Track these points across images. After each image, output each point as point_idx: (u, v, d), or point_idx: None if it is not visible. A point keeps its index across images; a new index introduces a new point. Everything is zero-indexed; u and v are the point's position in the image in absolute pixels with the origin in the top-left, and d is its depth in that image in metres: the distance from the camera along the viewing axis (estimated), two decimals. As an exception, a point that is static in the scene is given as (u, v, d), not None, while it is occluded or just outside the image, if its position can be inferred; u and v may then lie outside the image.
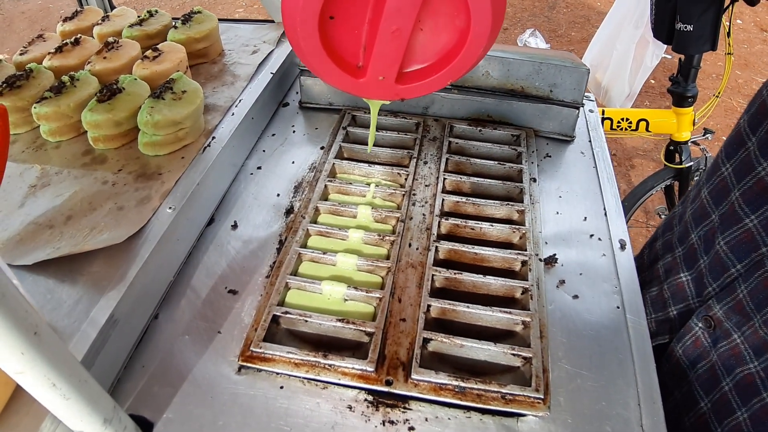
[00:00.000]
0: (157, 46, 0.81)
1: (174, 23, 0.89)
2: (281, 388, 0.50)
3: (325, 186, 0.70)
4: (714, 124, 2.42)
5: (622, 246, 0.64)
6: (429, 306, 0.56)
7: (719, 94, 1.52)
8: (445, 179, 0.71)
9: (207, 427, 0.48)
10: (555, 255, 0.63)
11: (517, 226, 0.65)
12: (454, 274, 0.59)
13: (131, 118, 0.70)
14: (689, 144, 1.58)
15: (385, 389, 0.50)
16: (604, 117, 1.61)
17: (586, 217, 0.68)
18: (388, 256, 0.62)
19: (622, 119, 1.61)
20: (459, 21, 0.42)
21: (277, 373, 0.51)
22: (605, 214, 0.69)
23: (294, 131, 0.82)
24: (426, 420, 0.48)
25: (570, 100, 0.79)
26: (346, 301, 0.58)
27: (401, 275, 0.59)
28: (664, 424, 0.48)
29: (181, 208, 0.61)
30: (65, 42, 0.83)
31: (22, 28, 3.31)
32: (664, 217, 1.76)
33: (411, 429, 0.48)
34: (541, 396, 0.49)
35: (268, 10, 1.00)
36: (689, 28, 1.12)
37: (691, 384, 0.58)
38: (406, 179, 0.71)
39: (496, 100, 0.80)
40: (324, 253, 0.61)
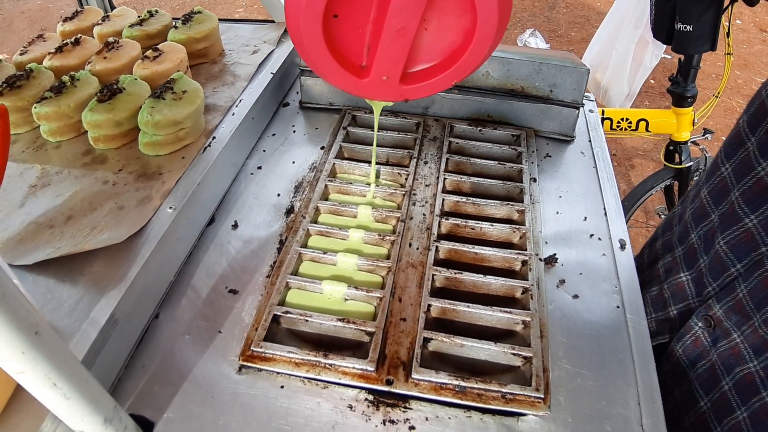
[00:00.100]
0: (158, 46, 0.81)
1: (174, 23, 0.89)
2: (282, 387, 0.50)
3: (325, 186, 0.70)
4: (714, 125, 2.42)
5: (622, 246, 0.64)
6: (429, 305, 0.56)
7: (719, 94, 1.52)
8: (445, 179, 0.71)
9: (207, 426, 0.48)
10: (555, 255, 0.63)
11: (517, 226, 0.65)
12: (455, 273, 0.59)
13: (132, 118, 0.70)
14: (689, 144, 1.58)
15: (385, 389, 0.50)
16: (604, 117, 1.61)
17: (586, 217, 0.68)
18: (388, 256, 0.62)
19: (622, 119, 1.61)
20: (465, 20, 0.42)
21: (278, 372, 0.51)
22: (605, 214, 0.69)
23: (294, 131, 0.82)
24: (426, 419, 0.48)
25: (570, 100, 0.79)
26: (347, 300, 0.58)
27: (401, 275, 0.59)
28: (664, 424, 0.48)
29: (181, 208, 0.61)
30: (65, 42, 0.83)
31: (21, 28, 3.31)
32: (663, 217, 1.76)
33: (411, 428, 0.48)
34: (542, 395, 0.49)
35: (268, 9, 1.00)
36: (689, 28, 1.12)
37: (690, 383, 0.58)
38: (406, 179, 0.72)
39: (497, 100, 0.80)
40: (324, 252, 0.61)
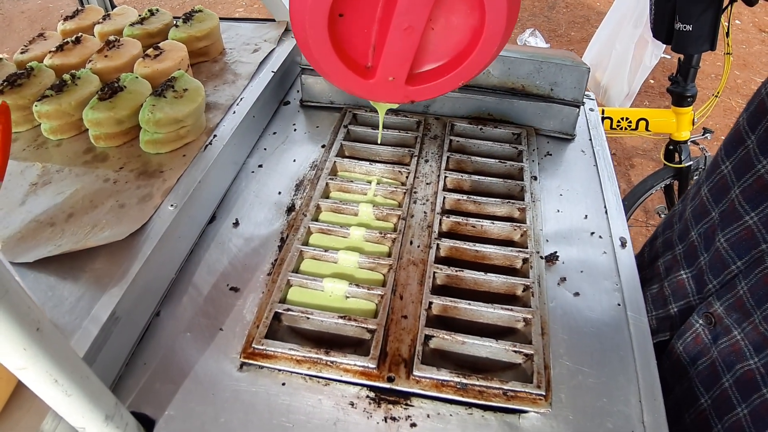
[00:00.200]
0: (159, 45, 0.81)
1: (175, 22, 0.89)
2: (283, 384, 0.50)
3: (326, 184, 0.70)
4: (713, 124, 2.42)
5: (623, 243, 0.64)
6: (430, 303, 0.56)
7: (718, 93, 1.53)
8: (446, 177, 0.71)
9: (209, 424, 0.48)
10: (556, 252, 0.63)
11: (518, 224, 0.65)
12: (456, 271, 0.59)
13: (133, 116, 0.70)
14: (689, 143, 1.59)
15: (386, 386, 0.50)
16: (604, 116, 1.61)
17: (586, 215, 0.68)
18: (389, 254, 0.62)
19: (622, 118, 1.61)
20: (472, 19, 0.41)
21: (279, 369, 0.51)
22: (606, 212, 0.69)
23: (295, 129, 0.82)
24: (428, 416, 0.48)
25: (570, 99, 0.79)
26: (348, 298, 0.58)
27: (403, 272, 0.59)
28: (665, 421, 0.48)
29: (182, 206, 0.61)
30: (66, 41, 0.83)
31: (21, 27, 3.31)
32: (663, 216, 1.76)
33: (413, 425, 0.48)
34: (543, 392, 0.49)
35: (269, 8, 1.00)
36: (688, 27, 1.13)
37: (691, 380, 0.58)
38: (407, 177, 0.72)
39: (497, 99, 0.81)
40: (325, 250, 0.61)
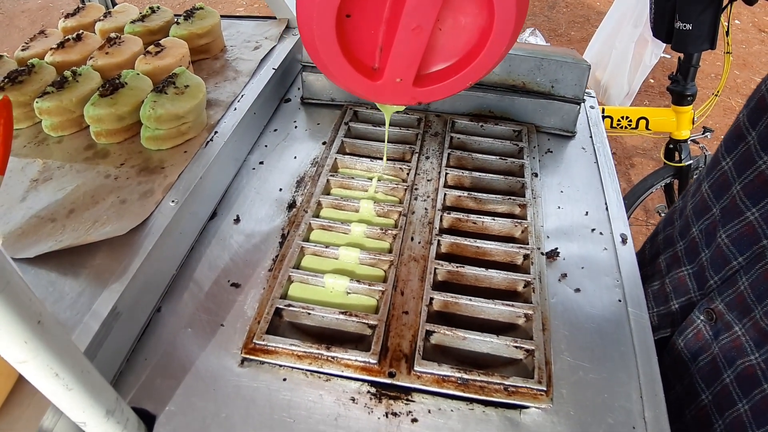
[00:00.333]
0: (160, 42, 0.81)
1: (176, 19, 0.89)
2: (284, 380, 0.50)
3: (327, 180, 0.70)
4: (713, 123, 2.42)
5: (624, 240, 0.64)
6: (431, 299, 0.56)
7: (718, 92, 1.53)
8: (447, 174, 0.71)
9: (210, 419, 0.48)
10: (557, 249, 0.63)
11: (519, 221, 0.65)
12: (457, 267, 0.59)
13: (134, 113, 0.70)
14: (689, 142, 1.59)
15: (388, 381, 0.50)
16: (604, 115, 1.61)
17: (587, 212, 0.68)
18: (390, 250, 0.62)
19: (622, 117, 1.61)
20: (481, 18, 0.41)
21: (280, 365, 0.51)
22: (606, 209, 0.69)
23: (296, 126, 0.82)
24: (429, 412, 0.48)
25: (571, 96, 0.79)
26: (349, 294, 0.58)
27: (404, 268, 0.59)
28: (666, 417, 0.48)
29: (184, 202, 0.61)
30: (67, 38, 0.83)
31: (22, 27, 3.31)
32: (663, 215, 1.76)
33: (414, 421, 0.48)
34: (544, 388, 0.49)
35: (270, 6, 1.00)
36: (688, 27, 1.13)
37: (692, 376, 0.58)
38: (408, 174, 0.72)
39: (498, 96, 0.81)
40: (327, 246, 0.61)
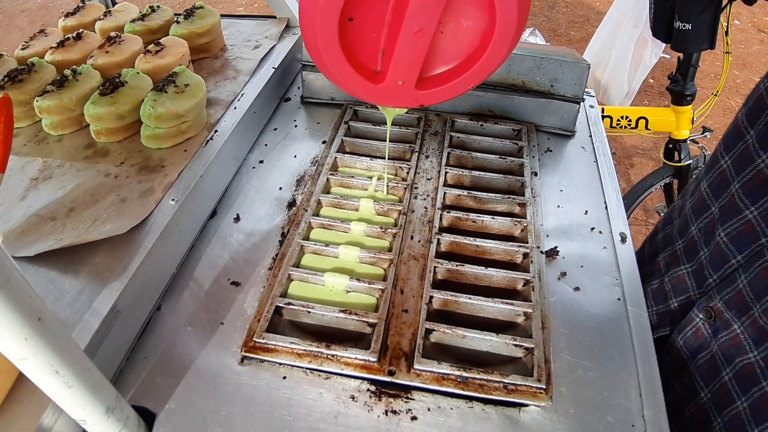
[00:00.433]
0: (160, 41, 0.81)
1: (176, 18, 0.89)
2: (284, 378, 0.50)
3: (327, 179, 0.70)
4: (712, 123, 2.42)
5: (623, 239, 0.65)
6: (431, 297, 0.56)
7: (718, 92, 1.53)
8: (446, 173, 0.71)
9: (209, 417, 0.48)
10: (556, 247, 0.63)
11: (518, 219, 0.65)
12: (456, 266, 0.59)
13: (134, 111, 0.70)
14: (688, 142, 1.59)
15: (387, 379, 0.50)
16: (604, 115, 1.61)
17: (587, 211, 0.69)
18: (390, 248, 0.62)
19: (622, 117, 1.62)
20: (482, 21, 0.41)
21: (280, 363, 0.51)
22: (606, 208, 0.69)
23: (296, 125, 0.82)
24: (428, 410, 0.48)
25: (571, 95, 0.79)
26: (349, 292, 0.58)
27: (403, 267, 0.60)
28: (665, 415, 0.48)
29: (184, 200, 0.61)
30: (67, 37, 0.83)
31: (22, 26, 3.31)
32: (663, 214, 1.76)
33: (413, 419, 0.48)
34: (543, 386, 0.49)
35: (270, 5, 1.00)
36: (688, 26, 1.13)
37: (691, 375, 0.58)
38: (408, 173, 0.72)
39: (498, 95, 0.81)
40: (326, 245, 0.61)
